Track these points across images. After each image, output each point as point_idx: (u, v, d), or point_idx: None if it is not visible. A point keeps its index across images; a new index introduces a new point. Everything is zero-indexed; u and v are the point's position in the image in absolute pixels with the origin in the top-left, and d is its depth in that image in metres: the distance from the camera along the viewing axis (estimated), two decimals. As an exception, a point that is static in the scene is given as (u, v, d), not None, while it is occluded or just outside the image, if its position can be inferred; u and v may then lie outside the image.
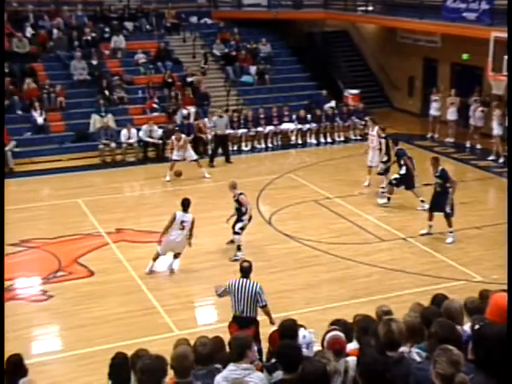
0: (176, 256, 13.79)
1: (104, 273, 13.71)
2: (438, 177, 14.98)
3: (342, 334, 5.97)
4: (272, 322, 9.77)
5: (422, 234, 15.33)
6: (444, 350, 4.50)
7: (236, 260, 13.56)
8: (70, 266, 14.03)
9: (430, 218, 15.24)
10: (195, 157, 20.18)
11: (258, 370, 5.90)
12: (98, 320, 11.83)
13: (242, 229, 14.40)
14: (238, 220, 14.43)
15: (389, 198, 17.27)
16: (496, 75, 18.02)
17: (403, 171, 16.78)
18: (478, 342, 4.75)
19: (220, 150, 21.57)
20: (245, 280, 9.73)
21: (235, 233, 14.44)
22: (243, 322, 9.57)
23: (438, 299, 6.87)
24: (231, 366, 5.66)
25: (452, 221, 15.01)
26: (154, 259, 13.68)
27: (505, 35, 17.80)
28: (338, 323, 6.35)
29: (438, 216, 16.29)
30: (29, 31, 24.92)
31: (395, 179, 17.04)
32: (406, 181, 16.88)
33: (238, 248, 14.33)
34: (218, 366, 6.04)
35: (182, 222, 13.36)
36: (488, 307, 5.27)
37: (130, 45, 25.84)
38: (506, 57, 17.40)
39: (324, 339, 6.00)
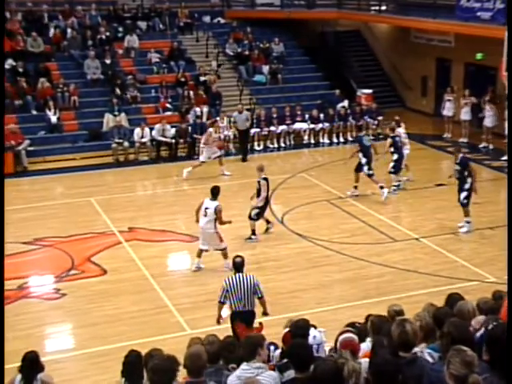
0: (224, 256, 13.50)
1: (117, 271, 13.77)
2: (458, 164, 15.31)
3: (355, 336, 5.97)
4: (266, 313, 10.18)
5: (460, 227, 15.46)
6: (458, 351, 4.49)
7: (250, 239, 14.87)
8: (82, 264, 14.09)
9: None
10: (219, 153, 20.20)
11: (271, 369, 5.92)
12: (110, 318, 11.88)
13: (258, 215, 14.97)
14: (257, 207, 14.95)
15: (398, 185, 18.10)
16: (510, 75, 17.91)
17: (395, 157, 17.73)
18: (491, 343, 4.74)
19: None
20: (241, 275, 9.95)
21: (251, 218, 14.95)
22: (246, 316, 9.76)
23: (453, 298, 6.84)
24: (244, 366, 5.69)
25: (469, 210, 15.14)
26: (198, 255, 13.63)
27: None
28: (352, 326, 6.34)
29: (450, 216, 16.27)
30: (51, 32, 25.02)
31: (393, 167, 17.85)
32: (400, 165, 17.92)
33: (253, 232, 14.95)
34: (233, 365, 6.07)
35: (206, 208, 13.29)
36: (502, 308, 5.25)
37: (143, 44, 25.92)
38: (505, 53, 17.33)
39: (337, 340, 6.01)
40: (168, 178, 20.26)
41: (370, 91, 26.13)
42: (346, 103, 24.89)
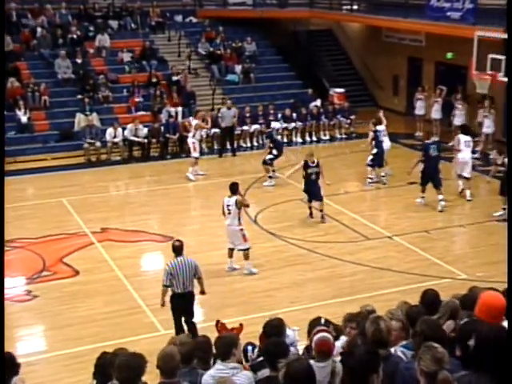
0: (245, 257, 13.50)
1: (89, 272, 13.66)
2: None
3: (330, 336, 5.98)
4: (203, 292, 10.97)
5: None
6: (429, 348, 4.53)
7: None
8: (54, 265, 13.96)
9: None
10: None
11: (246, 369, 5.92)
12: (83, 319, 11.79)
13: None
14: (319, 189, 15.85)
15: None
16: (480, 74, 18.10)
17: (375, 151, 18.19)
18: (463, 339, 4.79)
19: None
20: (181, 258, 10.57)
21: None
22: (186, 297, 10.52)
23: (429, 295, 6.88)
24: (218, 365, 5.68)
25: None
26: (229, 256, 13.58)
27: (488, 34, 17.92)
28: (318, 321, 6.32)
29: (423, 214, 16.42)
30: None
31: (371, 160, 18.40)
32: (378, 159, 18.41)
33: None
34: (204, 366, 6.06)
35: (228, 206, 13.26)
36: (477, 305, 5.30)
37: (114, 43, 25.76)
38: (489, 55, 17.50)
39: (312, 340, 6.01)
40: (141, 178, 20.17)
41: (342, 90, 26.26)
42: (318, 102, 24.99)
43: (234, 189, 13.42)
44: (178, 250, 10.66)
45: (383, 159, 18.66)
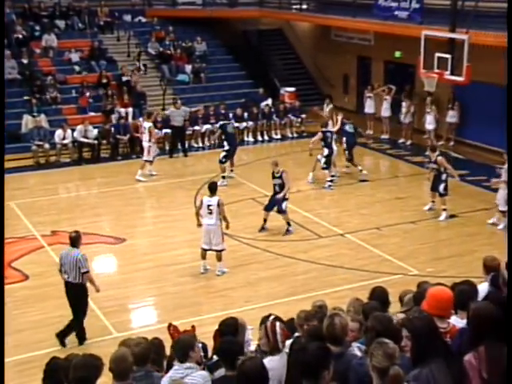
0: (218, 258, 13.43)
1: (40, 276, 13.42)
2: (433, 162, 16.24)
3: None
4: (97, 290, 11.12)
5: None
6: (380, 344, 4.57)
7: (289, 232, 15.27)
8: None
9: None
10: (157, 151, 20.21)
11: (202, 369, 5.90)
12: (35, 324, 11.58)
13: (286, 206, 15.41)
14: (284, 199, 15.29)
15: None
16: (427, 73, 18.37)
17: (326, 153, 18.26)
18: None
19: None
20: (70, 248, 10.87)
21: (281, 212, 15.38)
22: (74, 288, 10.77)
23: (377, 292, 6.97)
24: (175, 366, 5.66)
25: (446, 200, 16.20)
26: (203, 257, 13.44)
27: (435, 33, 18.20)
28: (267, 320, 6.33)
29: (374, 211, 16.61)
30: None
31: (325, 162, 18.41)
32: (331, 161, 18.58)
33: (288, 223, 15.42)
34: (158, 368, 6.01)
35: (209, 206, 13.15)
36: (425, 300, 5.37)
37: (62, 43, 25.36)
38: (436, 54, 17.77)
39: (271, 328, 6.00)
40: (91, 180, 19.91)
41: (293, 89, 26.38)
42: (269, 101, 25.06)
43: (213, 188, 13.39)
44: (72, 241, 10.95)
45: (333, 159, 18.69)
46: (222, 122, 20.81)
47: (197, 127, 23.09)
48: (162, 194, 18.79)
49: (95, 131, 21.63)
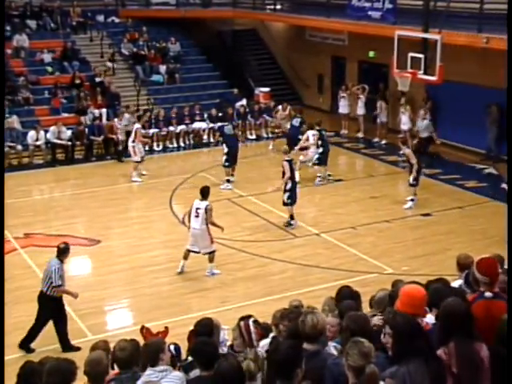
0: (209, 259, 13.39)
1: (12, 279, 13.23)
2: (403, 154, 17.14)
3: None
4: (75, 297, 11.03)
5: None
6: (355, 343, 4.59)
7: (290, 225, 15.54)
8: (-24, 273, 13.49)
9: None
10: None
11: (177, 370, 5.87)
12: (8, 328, 11.34)
13: (290, 198, 15.58)
14: (284, 191, 15.51)
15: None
16: (401, 72, 18.48)
17: (321, 150, 18.61)
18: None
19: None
20: (53, 257, 10.84)
21: (285, 204, 15.60)
22: (40, 295, 10.80)
23: (344, 291, 7.01)
24: (148, 371, 5.59)
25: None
26: (185, 257, 13.40)
27: (408, 33, 18.31)
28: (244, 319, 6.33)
29: (349, 211, 16.67)
30: None
31: (318, 159, 18.65)
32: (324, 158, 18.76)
33: (291, 217, 15.63)
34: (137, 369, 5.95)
35: (197, 209, 13.12)
36: (398, 299, 5.40)
37: (33, 44, 25.10)
38: (409, 54, 17.89)
39: (245, 328, 6.00)
40: (65, 181, 19.75)
41: (267, 89, 26.40)
42: (244, 102, 25.04)
43: (205, 192, 13.38)
44: (58, 251, 10.93)
45: (327, 158, 18.93)
46: (219, 124, 20.96)
47: (171, 128, 23.01)
48: (137, 195, 18.71)
49: (69, 132, 21.46)
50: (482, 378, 4.63)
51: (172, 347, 6.91)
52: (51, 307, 10.81)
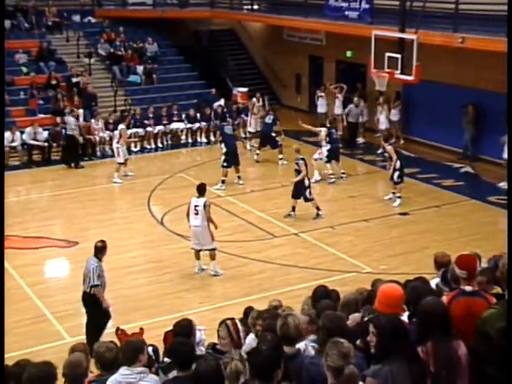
0: (211, 257, 13.39)
1: (-11, 282, 13.13)
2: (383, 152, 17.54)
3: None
4: (107, 307, 10.73)
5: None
6: (335, 343, 4.60)
7: (319, 217, 16.09)
8: (-49, 276, 13.33)
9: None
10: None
11: (154, 372, 5.82)
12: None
13: (310, 193, 16.12)
14: (305, 188, 15.98)
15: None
16: (378, 72, 18.54)
17: (328, 147, 18.70)
18: (366, 334, 4.91)
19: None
20: (92, 256, 10.70)
21: (307, 200, 16.07)
22: (83, 293, 10.68)
23: (320, 291, 7.02)
24: (125, 371, 5.53)
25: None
26: (197, 257, 13.39)
27: (385, 33, 18.39)
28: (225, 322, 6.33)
29: (327, 210, 16.70)
30: None
31: (327, 156, 18.75)
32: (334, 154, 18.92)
33: (317, 208, 16.18)
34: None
35: (196, 206, 13.15)
36: (376, 299, 5.42)
37: (8, 44, 24.68)
38: (386, 54, 17.96)
39: (233, 326, 5.99)
40: (42, 183, 19.59)
41: (245, 89, 26.38)
42: (222, 102, 25.00)
43: (201, 189, 13.40)
44: (95, 250, 10.76)
45: (339, 153, 19.15)
46: (218, 123, 21.41)
47: (149, 128, 22.91)
48: (114, 196, 18.62)
49: (45, 133, 21.29)
50: (459, 376, 4.65)
51: (150, 349, 6.88)
52: (90, 304, 10.65)
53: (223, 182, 18.41)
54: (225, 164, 18.51)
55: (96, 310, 10.58)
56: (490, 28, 17.34)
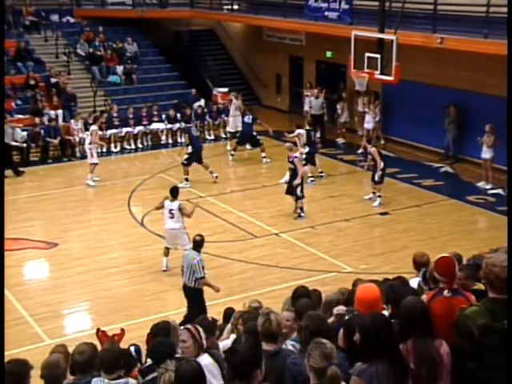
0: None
1: (-33, 284, 13.00)
2: (369, 153, 17.25)
3: None
4: (217, 290, 11.24)
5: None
6: (317, 344, 4.59)
7: (300, 217, 16.08)
8: None
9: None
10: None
11: (134, 376, 5.76)
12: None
13: (302, 191, 16.09)
14: (297, 186, 15.90)
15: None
16: (358, 72, 18.62)
17: (307, 149, 18.40)
18: (349, 334, 4.92)
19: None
20: (188, 252, 11.27)
21: (299, 197, 16.07)
22: (184, 287, 11.00)
23: (300, 291, 7.03)
24: (105, 379, 5.40)
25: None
26: (165, 254, 13.49)
27: (364, 34, 18.47)
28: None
29: (308, 210, 16.72)
30: None
31: (305, 159, 18.09)
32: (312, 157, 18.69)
33: (301, 208, 16.21)
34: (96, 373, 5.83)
35: (170, 210, 13.26)
36: (355, 299, 5.45)
37: (-15, 43, 24.59)
38: (366, 54, 18.04)
39: (195, 330, 5.94)
40: (20, 184, 19.41)
41: (225, 90, 26.34)
42: (202, 102, 24.98)
43: (174, 193, 13.46)
44: (194, 244, 11.19)
45: (315, 158, 19.01)
46: (185, 125, 21.76)
47: (129, 129, 22.81)
48: (94, 197, 18.50)
49: (24, 134, 21.09)
50: (440, 374, 4.67)
51: (132, 348, 6.84)
52: (195, 297, 10.95)
53: (186, 179, 18.58)
54: (185, 162, 18.78)
55: (199, 303, 10.88)
56: (468, 29, 17.48)
